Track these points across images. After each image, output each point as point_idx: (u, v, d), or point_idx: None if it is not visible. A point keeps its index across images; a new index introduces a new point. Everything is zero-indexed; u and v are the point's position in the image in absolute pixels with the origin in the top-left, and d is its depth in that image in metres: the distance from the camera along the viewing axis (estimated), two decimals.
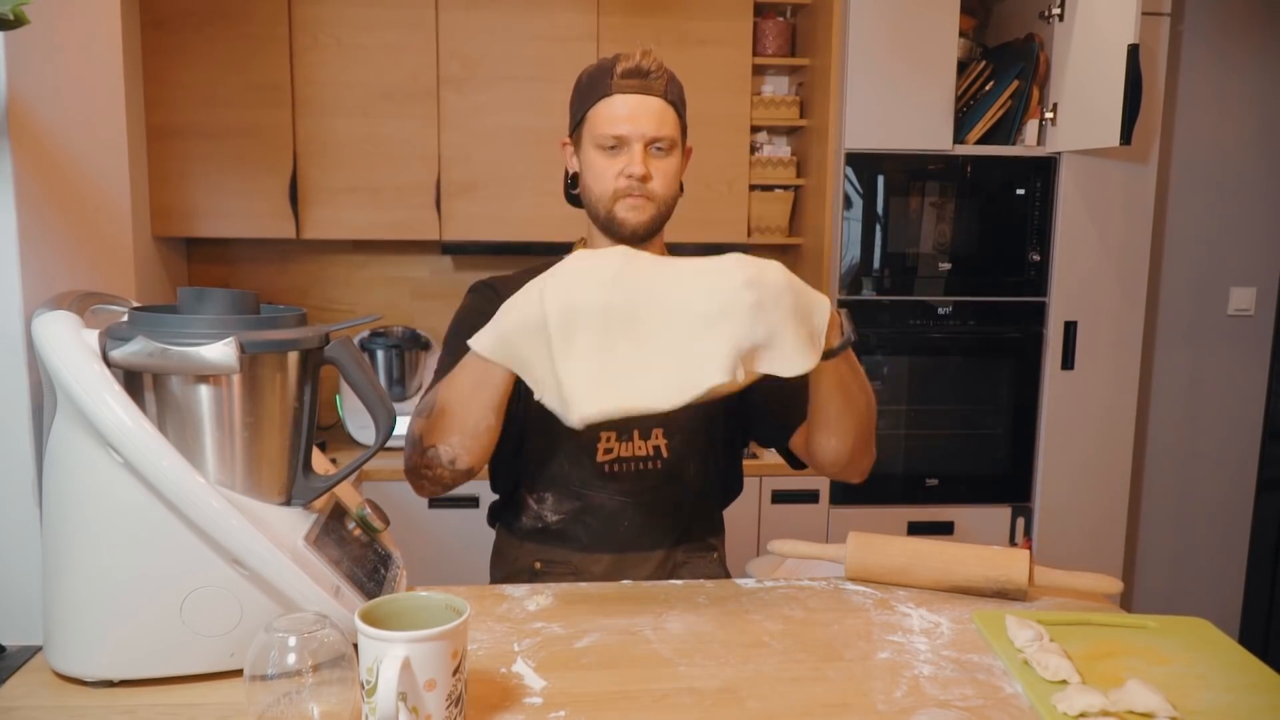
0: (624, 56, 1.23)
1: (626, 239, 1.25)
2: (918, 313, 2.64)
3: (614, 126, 1.21)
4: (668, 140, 1.23)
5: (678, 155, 1.27)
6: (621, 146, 1.22)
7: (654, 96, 1.22)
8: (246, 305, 0.89)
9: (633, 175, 1.22)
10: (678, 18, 2.64)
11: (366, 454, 0.95)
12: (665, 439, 1.29)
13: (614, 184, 1.23)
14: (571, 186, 1.33)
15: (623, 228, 1.25)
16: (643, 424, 1.28)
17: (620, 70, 1.21)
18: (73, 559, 0.85)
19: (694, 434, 1.31)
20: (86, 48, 1.10)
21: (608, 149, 1.23)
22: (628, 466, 1.29)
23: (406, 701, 0.72)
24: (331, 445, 2.63)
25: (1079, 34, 2.47)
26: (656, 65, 1.22)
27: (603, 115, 1.22)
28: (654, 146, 1.23)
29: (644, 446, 1.29)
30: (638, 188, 1.22)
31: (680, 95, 1.27)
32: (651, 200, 1.24)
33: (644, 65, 1.21)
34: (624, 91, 1.21)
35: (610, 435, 1.28)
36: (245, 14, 2.51)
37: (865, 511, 2.66)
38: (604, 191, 1.24)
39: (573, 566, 1.31)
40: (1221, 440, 3.03)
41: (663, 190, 1.25)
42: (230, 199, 2.58)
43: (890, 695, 0.88)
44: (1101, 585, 1.10)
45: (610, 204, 1.24)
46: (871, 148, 2.57)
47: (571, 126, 1.30)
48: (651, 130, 1.22)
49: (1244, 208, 2.96)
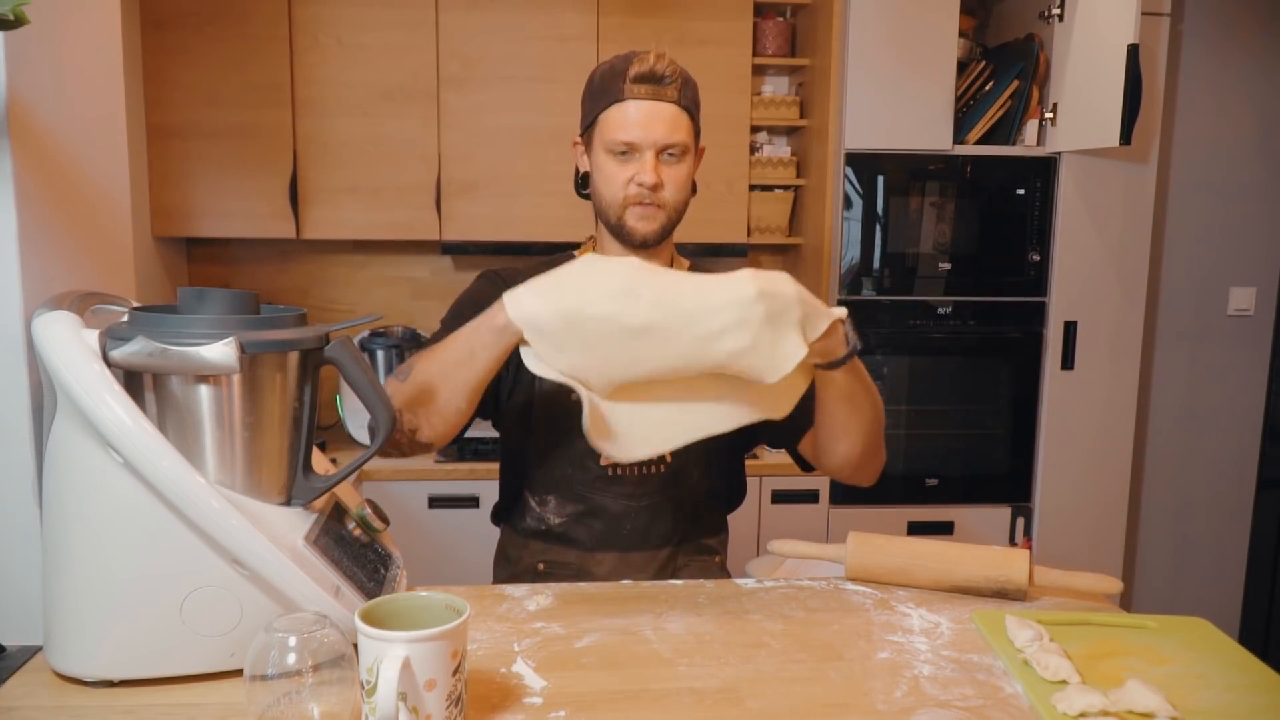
0: (638, 58, 1.20)
1: (636, 247, 1.25)
2: (918, 313, 2.64)
3: (625, 133, 1.20)
4: (680, 147, 1.22)
5: (690, 160, 1.25)
6: (633, 153, 1.21)
7: (667, 103, 1.20)
8: (246, 305, 0.89)
9: (644, 184, 1.20)
10: (678, 18, 2.64)
11: (366, 454, 0.95)
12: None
13: (624, 191, 1.22)
14: (582, 185, 1.32)
15: (633, 236, 1.24)
16: None
17: (633, 74, 1.19)
18: (73, 559, 0.84)
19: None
20: (86, 48, 1.09)
21: (618, 154, 1.22)
22: (631, 470, 1.29)
23: (406, 701, 0.72)
24: (331, 445, 2.63)
25: (1079, 34, 2.47)
26: (671, 69, 1.20)
27: (614, 120, 1.21)
28: (666, 153, 1.21)
29: None
30: (648, 196, 1.21)
31: (694, 98, 1.25)
32: (662, 209, 1.23)
33: (658, 69, 1.19)
34: (636, 97, 1.19)
35: None
36: (245, 14, 2.51)
37: (865, 511, 2.66)
38: (614, 198, 1.23)
39: (576, 568, 1.31)
40: (1221, 440, 3.03)
41: (674, 197, 1.24)
42: (230, 199, 2.58)
43: (890, 695, 0.88)
44: (1101, 585, 1.10)
45: (620, 211, 1.23)
46: (871, 148, 2.57)
47: (583, 127, 1.28)
48: (663, 138, 1.20)
49: (1244, 208, 2.96)
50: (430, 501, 2.47)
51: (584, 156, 1.30)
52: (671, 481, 1.30)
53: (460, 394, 1.07)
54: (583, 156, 1.30)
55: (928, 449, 2.70)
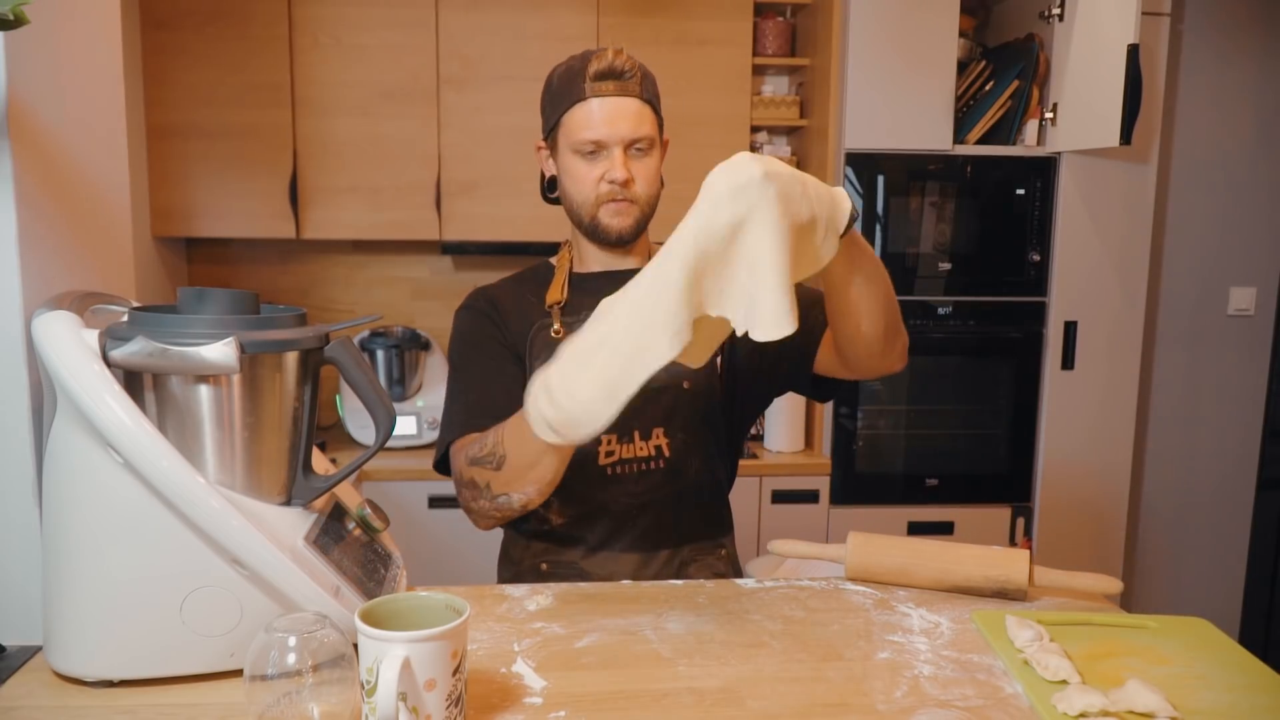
0: (595, 55, 1.20)
1: (612, 244, 1.26)
2: (918, 313, 2.64)
3: (591, 131, 1.19)
4: (647, 140, 1.22)
5: (657, 153, 1.25)
6: (600, 151, 1.21)
7: (630, 97, 1.20)
8: (246, 305, 0.89)
9: (615, 180, 1.20)
10: (677, 18, 2.64)
11: (366, 454, 0.95)
12: (666, 438, 1.29)
13: (595, 190, 1.22)
14: (549, 190, 1.32)
15: (608, 234, 1.24)
16: (642, 424, 1.28)
17: (593, 72, 1.19)
18: (73, 559, 0.85)
19: (695, 430, 1.31)
20: (86, 48, 1.09)
21: (586, 154, 1.21)
22: (630, 468, 1.29)
23: (406, 701, 0.72)
24: (331, 445, 2.63)
25: (1079, 34, 2.47)
26: (629, 64, 1.20)
27: (579, 120, 1.20)
28: (634, 148, 1.21)
29: (645, 447, 1.29)
30: (620, 192, 1.21)
31: (655, 91, 1.25)
32: (635, 203, 1.23)
33: (617, 65, 1.19)
34: (599, 95, 1.19)
35: (611, 437, 1.28)
36: (245, 14, 2.51)
37: (865, 511, 2.66)
38: (585, 198, 1.23)
39: (579, 569, 1.31)
40: (1221, 440, 3.03)
41: (645, 191, 1.24)
42: (230, 199, 2.58)
43: (890, 695, 0.88)
44: (1101, 585, 1.10)
45: (593, 210, 1.23)
46: (871, 148, 2.57)
47: (545, 130, 1.27)
48: (630, 132, 1.20)
49: (1244, 208, 2.96)
50: (430, 501, 2.47)
51: (549, 160, 1.29)
52: (671, 477, 1.30)
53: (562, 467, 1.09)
54: (548, 161, 1.30)
55: (928, 449, 2.70)
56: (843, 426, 2.66)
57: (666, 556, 1.32)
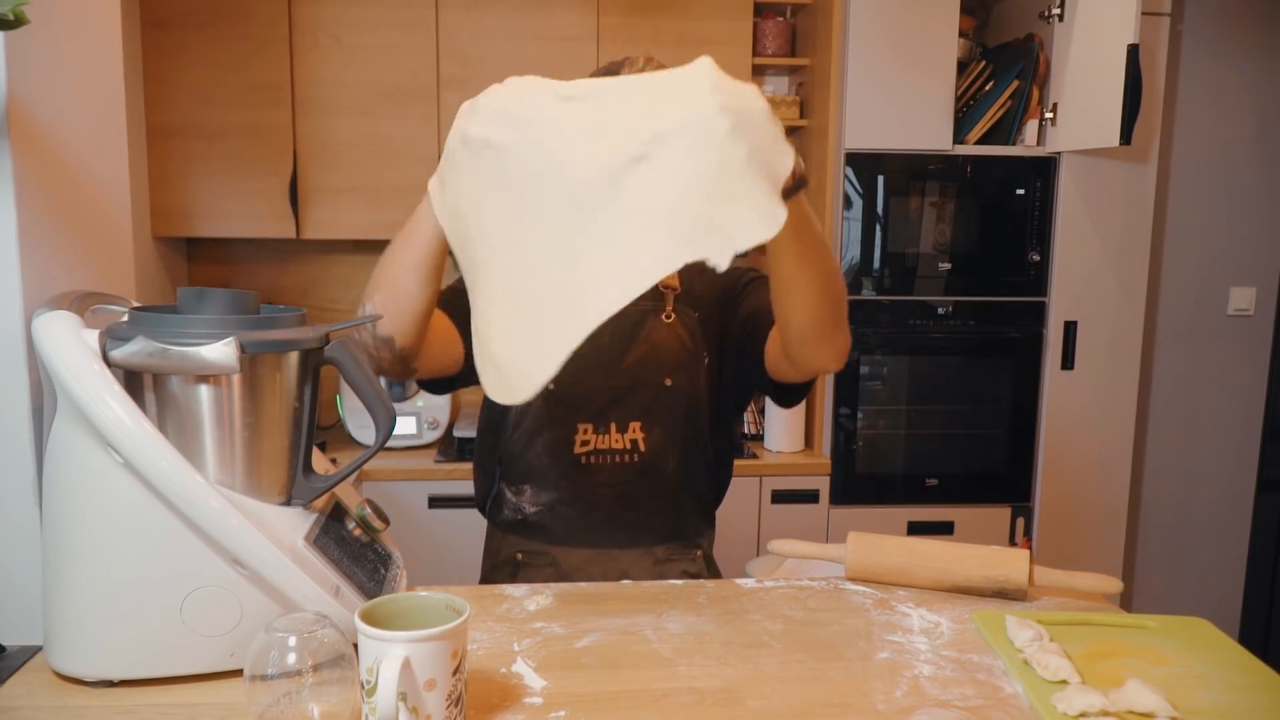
0: (627, 62, 1.20)
1: None
2: (918, 313, 2.64)
3: None
4: None
5: None
6: None
7: None
8: (246, 305, 0.89)
9: None
10: (678, 18, 2.64)
11: (366, 454, 0.95)
12: (643, 432, 1.29)
13: None
14: None
15: None
16: (619, 416, 1.28)
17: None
18: (73, 559, 0.85)
19: (674, 427, 1.30)
20: (86, 48, 1.09)
21: None
22: (604, 459, 1.29)
23: (406, 701, 0.72)
24: (331, 445, 2.63)
25: (1079, 34, 2.47)
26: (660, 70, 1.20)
27: None
28: None
29: (620, 439, 1.29)
30: None
31: None
32: None
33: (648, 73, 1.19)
34: None
35: (587, 427, 1.28)
36: (245, 14, 2.51)
37: (865, 511, 2.66)
38: None
39: (551, 558, 1.31)
40: (1221, 440, 3.03)
41: None
42: (230, 199, 2.58)
43: (890, 695, 0.88)
44: (1101, 585, 1.10)
45: None
46: (871, 148, 2.57)
47: None
48: None
49: (1244, 208, 2.96)
50: (430, 501, 2.47)
51: None
52: (646, 471, 1.30)
53: (411, 270, 1.06)
54: None
55: (928, 449, 2.70)
56: (843, 426, 2.66)
57: (639, 554, 1.32)
